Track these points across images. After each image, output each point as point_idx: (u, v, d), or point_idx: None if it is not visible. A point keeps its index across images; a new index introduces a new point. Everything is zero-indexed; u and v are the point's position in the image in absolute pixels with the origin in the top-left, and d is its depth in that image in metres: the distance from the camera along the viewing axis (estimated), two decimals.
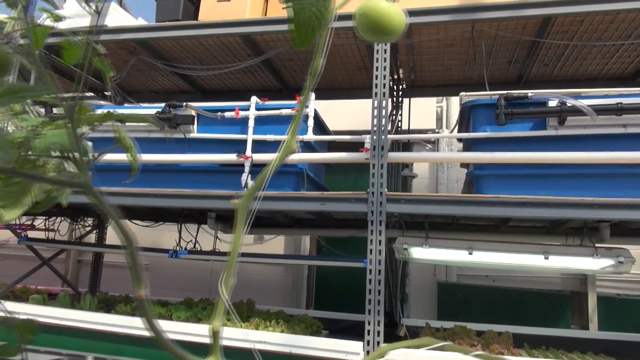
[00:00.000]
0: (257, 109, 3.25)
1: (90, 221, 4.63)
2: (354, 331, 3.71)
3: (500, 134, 2.87)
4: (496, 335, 3.28)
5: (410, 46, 3.44)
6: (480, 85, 3.94)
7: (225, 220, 4.01)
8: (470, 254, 3.05)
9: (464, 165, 3.78)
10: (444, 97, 5.20)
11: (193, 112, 3.32)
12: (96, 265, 4.60)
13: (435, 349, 0.67)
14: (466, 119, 3.15)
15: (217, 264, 5.40)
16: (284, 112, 3.20)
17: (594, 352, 3.12)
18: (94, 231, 4.67)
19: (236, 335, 2.76)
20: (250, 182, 3.11)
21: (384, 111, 2.88)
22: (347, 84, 4.26)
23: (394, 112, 4.15)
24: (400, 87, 4.15)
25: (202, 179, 3.29)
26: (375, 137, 2.86)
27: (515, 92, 2.86)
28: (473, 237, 3.21)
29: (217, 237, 4.03)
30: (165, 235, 5.23)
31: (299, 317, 3.50)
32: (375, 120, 2.87)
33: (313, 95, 3.20)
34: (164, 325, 3.05)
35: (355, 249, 3.78)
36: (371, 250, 2.72)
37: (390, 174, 4.19)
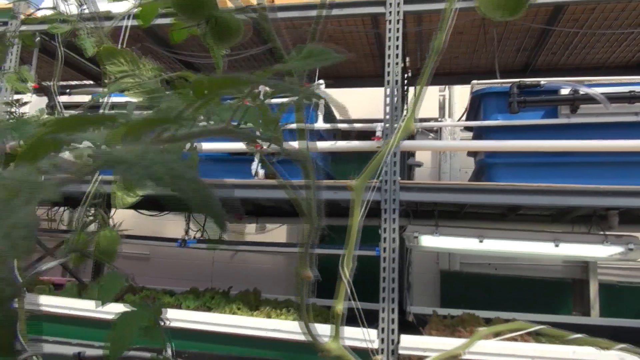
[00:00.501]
0: None
1: (93, 210, 4.58)
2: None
3: (512, 122, 2.87)
4: (504, 323, 3.31)
5: (419, 34, 3.42)
6: (487, 74, 3.94)
7: (232, 209, 3.97)
8: (481, 241, 3.07)
9: (470, 153, 3.78)
10: (447, 86, 5.19)
11: None
12: None
13: (530, 332, 0.67)
14: (476, 107, 3.15)
15: (219, 253, 5.38)
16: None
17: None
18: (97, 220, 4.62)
19: (249, 324, 2.76)
20: (260, 171, 3.09)
21: (396, 99, 2.86)
22: (352, 72, 4.23)
23: (400, 101, 4.13)
24: (406, 75, 4.13)
25: (212, 167, 3.26)
26: (387, 125, 2.85)
27: (528, 80, 2.86)
28: (482, 225, 3.23)
29: None
30: (169, 224, 5.20)
31: (308, 305, 3.50)
32: (387, 108, 2.86)
33: (323, 83, 3.18)
34: (175, 314, 3.03)
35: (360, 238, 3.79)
36: (384, 239, 2.71)
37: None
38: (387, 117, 2.85)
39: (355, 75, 4.26)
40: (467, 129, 3.98)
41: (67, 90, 3.57)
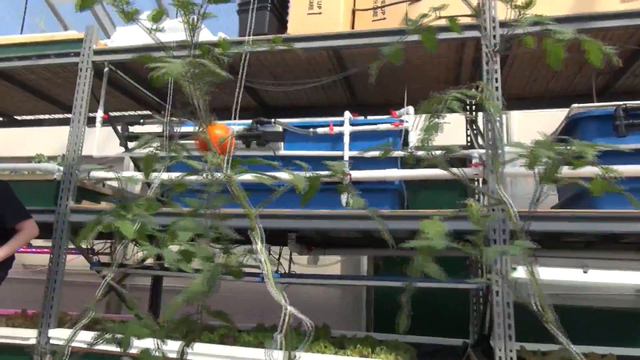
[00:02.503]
0: (351, 124, 3.12)
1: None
2: (439, 355, 3.54)
3: (621, 147, 2.74)
4: (600, 359, 3.12)
5: (502, 58, 3.34)
6: (562, 98, 3.86)
7: (303, 241, 3.82)
8: (586, 272, 2.91)
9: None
10: (503, 112, 5.10)
11: (281, 129, 3.19)
12: (156, 290, 4.38)
13: None
14: (571, 132, 3.03)
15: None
16: (382, 127, 3.07)
17: None
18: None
19: None
20: (351, 200, 2.96)
21: (497, 124, 2.75)
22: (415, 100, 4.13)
23: (469, 128, 4.05)
24: (474, 101, 4.04)
25: (294, 198, 3.13)
26: (490, 151, 2.73)
27: (634, 102, 2.77)
28: (582, 255, 3.07)
29: (291, 259, 3.87)
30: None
31: (391, 342, 3.30)
32: (489, 134, 2.75)
33: (412, 109, 3.08)
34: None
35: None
36: (497, 271, 2.56)
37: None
38: (490, 142, 2.74)
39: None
40: None
41: (141, 120, 3.47)
